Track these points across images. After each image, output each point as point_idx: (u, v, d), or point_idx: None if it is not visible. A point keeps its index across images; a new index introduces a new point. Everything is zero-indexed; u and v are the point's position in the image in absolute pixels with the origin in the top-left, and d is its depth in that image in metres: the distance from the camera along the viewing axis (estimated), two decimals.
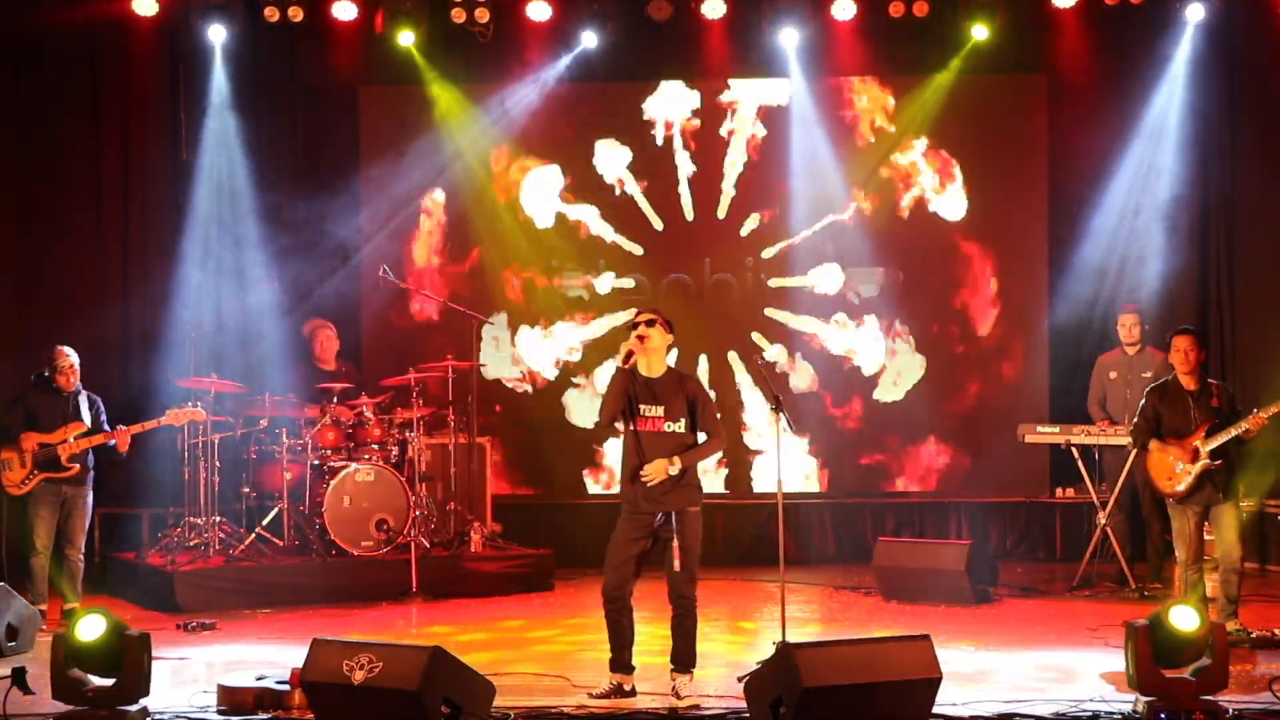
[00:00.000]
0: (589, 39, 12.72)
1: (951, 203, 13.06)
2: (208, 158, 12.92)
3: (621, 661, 7.56)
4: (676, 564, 7.40)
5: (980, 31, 12.55)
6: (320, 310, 12.43)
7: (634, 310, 7.76)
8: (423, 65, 12.86)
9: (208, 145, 12.90)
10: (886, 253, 13.11)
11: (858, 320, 13.09)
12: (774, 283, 13.12)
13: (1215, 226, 12.81)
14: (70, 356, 9.93)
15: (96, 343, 12.53)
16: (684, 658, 7.55)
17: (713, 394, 7.75)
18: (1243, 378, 12.27)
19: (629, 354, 7.46)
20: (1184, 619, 6.89)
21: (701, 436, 7.60)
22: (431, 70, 12.92)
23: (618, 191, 13.15)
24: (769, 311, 13.05)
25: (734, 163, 13.14)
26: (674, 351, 7.74)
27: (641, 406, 7.47)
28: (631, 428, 7.48)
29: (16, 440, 9.80)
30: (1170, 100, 12.77)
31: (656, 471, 7.39)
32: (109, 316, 12.81)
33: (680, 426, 7.49)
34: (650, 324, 7.51)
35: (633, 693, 7.50)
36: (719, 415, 7.79)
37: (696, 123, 13.13)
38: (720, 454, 7.57)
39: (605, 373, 12.54)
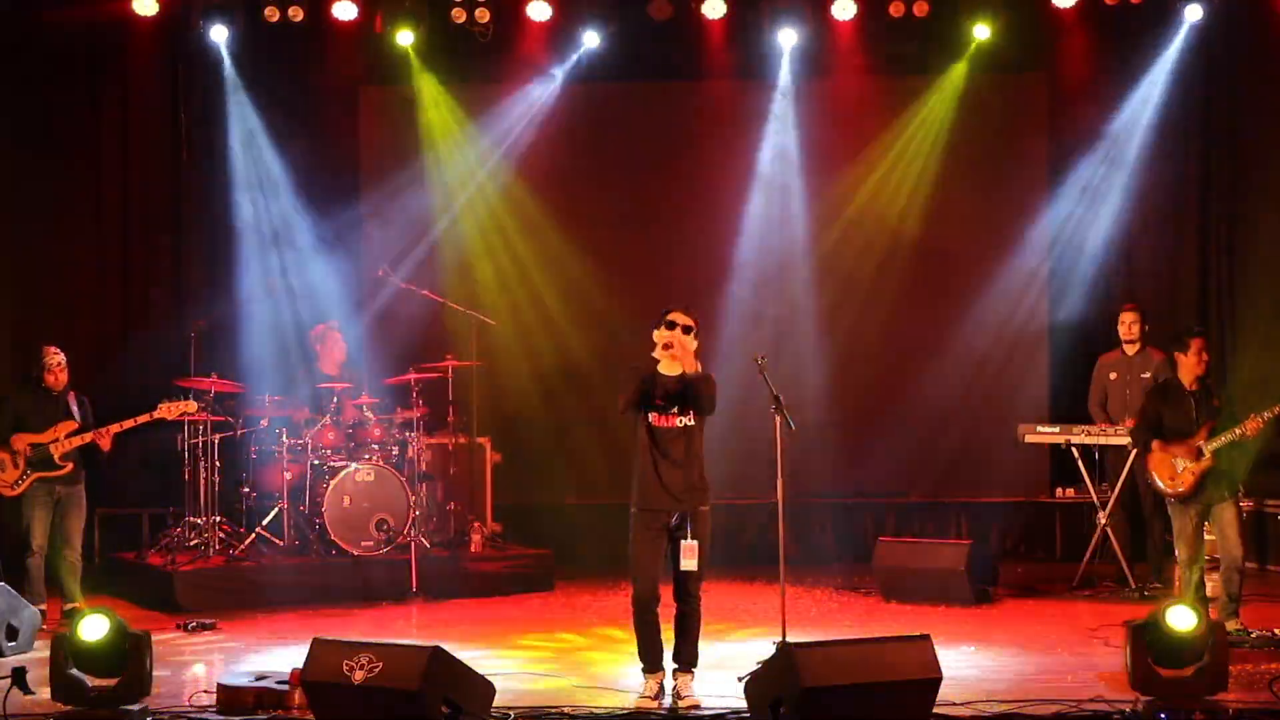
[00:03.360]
0: (590, 39, 12.73)
1: (952, 202, 13.06)
2: (207, 158, 12.93)
3: (660, 662, 7.55)
4: (693, 563, 7.39)
5: (981, 31, 12.57)
6: (322, 311, 12.44)
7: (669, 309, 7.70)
8: (421, 65, 12.88)
9: (207, 145, 12.92)
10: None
11: None
12: None
13: (1215, 226, 12.81)
14: (58, 355, 9.89)
15: (96, 342, 12.58)
16: (687, 657, 7.55)
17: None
18: (1242, 378, 12.26)
19: (666, 344, 7.45)
20: (1181, 619, 6.89)
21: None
22: (431, 70, 12.94)
23: None
24: None
25: None
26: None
27: (659, 403, 7.48)
28: (647, 423, 7.49)
29: (7, 441, 9.78)
30: (1170, 100, 12.77)
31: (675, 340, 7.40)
32: (109, 316, 12.83)
33: (691, 420, 7.50)
34: (687, 330, 7.50)
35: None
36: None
37: None
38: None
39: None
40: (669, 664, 7.58)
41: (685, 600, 7.52)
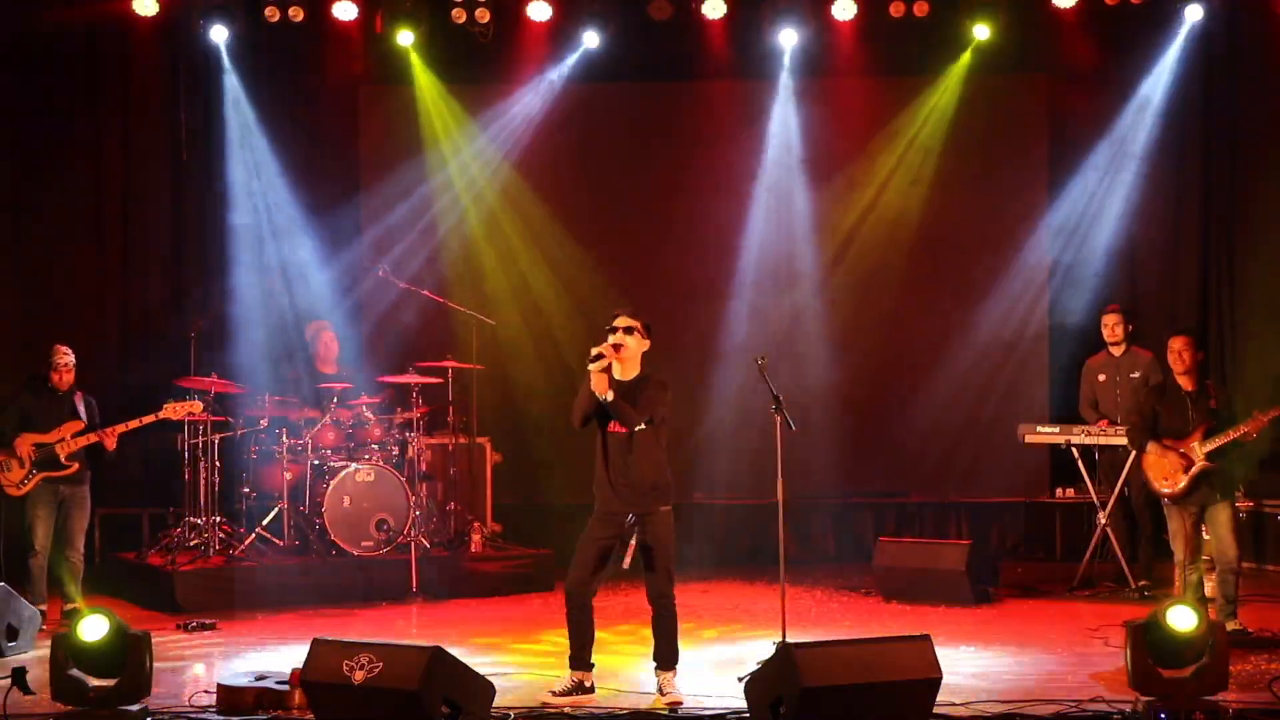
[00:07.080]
0: (590, 39, 12.73)
1: (952, 202, 13.06)
2: (207, 158, 12.93)
3: (582, 659, 7.59)
4: (626, 562, 7.45)
5: (981, 31, 12.57)
6: (321, 311, 12.44)
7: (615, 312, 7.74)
8: (421, 65, 12.88)
9: (208, 145, 12.91)
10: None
11: None
12: None
13: (1215, 226, 12.81)
14: (67, 355, 9.90)
15: (97, 343, 12.57)
16: (667, 656, 7.59)
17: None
18: (1243, 379, 12.27)
19: (598, 355, 7.45)
20: (1182, 619, 6.89)
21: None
22: (431, 70, 12.94)
23: None
24: None
25: None
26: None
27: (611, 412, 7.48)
28: (602, 431, 7.50)
29: (12, 442, 9.79)
30: (1170, 100, 12.78)
31: (599, 356, 7.40)
32: (109, 316, 12.83)
33: (642, 424, 7.49)
34: (629, 331, 7.51)
35: (592, 689, 7.56)
36: (659, 411, 7.60)
37: None
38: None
39: None
40: (650, 662, 7.63)
41: (654, 602, 7.59)
